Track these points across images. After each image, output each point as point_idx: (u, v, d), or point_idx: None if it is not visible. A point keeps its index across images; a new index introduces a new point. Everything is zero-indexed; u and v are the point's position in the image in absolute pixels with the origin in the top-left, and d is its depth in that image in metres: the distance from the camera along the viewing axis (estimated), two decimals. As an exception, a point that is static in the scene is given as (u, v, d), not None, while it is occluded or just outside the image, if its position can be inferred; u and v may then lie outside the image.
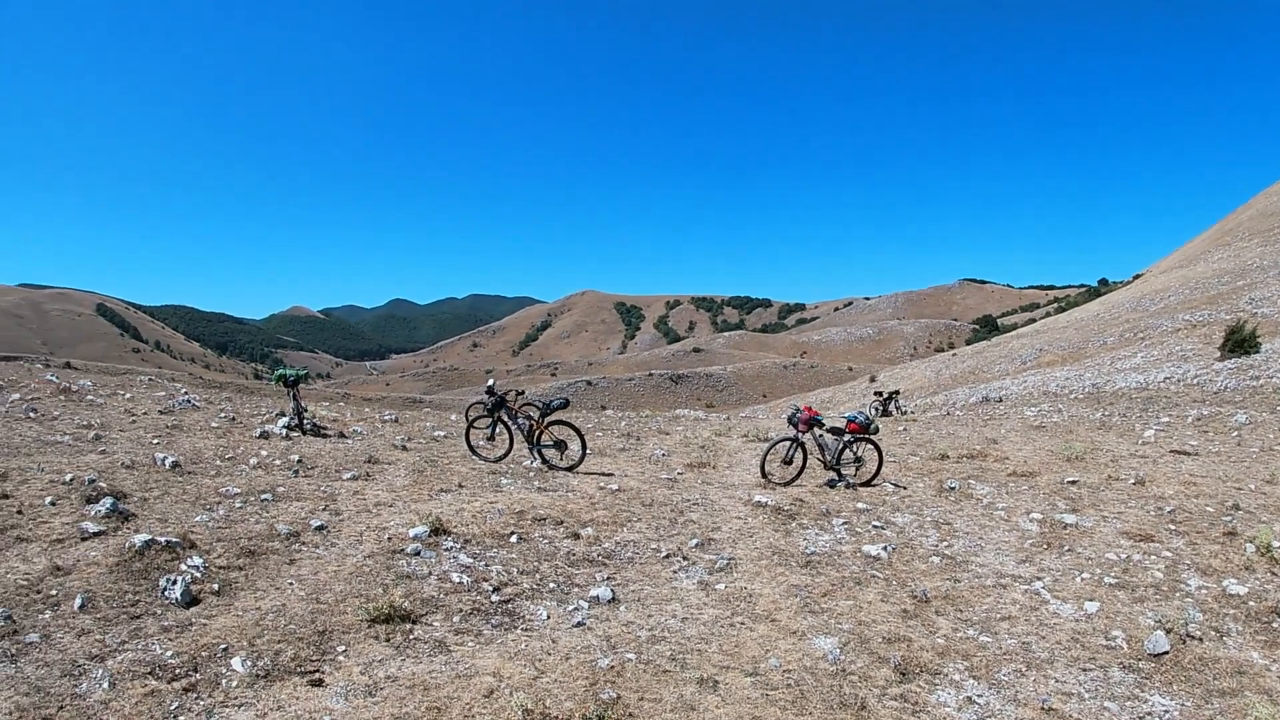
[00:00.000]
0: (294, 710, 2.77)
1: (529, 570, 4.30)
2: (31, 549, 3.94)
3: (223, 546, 4.33)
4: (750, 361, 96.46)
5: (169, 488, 5.44)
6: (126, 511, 4.68)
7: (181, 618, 3.42)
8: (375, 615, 3.46)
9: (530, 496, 5.82)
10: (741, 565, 4.56)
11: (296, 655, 3.19)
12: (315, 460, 7.04)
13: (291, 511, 5.08)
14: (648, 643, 3.44)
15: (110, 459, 6.23)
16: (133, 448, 7.01)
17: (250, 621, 3.46)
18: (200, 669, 2.98)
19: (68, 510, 4.61)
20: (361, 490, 5.83)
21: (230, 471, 6.30)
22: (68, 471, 5.50)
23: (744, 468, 7.91)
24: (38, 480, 5.19)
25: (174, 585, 3.63)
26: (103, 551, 3.98)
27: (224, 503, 5.16)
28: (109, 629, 3.19)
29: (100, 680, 2.75)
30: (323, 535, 4.66)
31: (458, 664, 3.17)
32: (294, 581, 3.93)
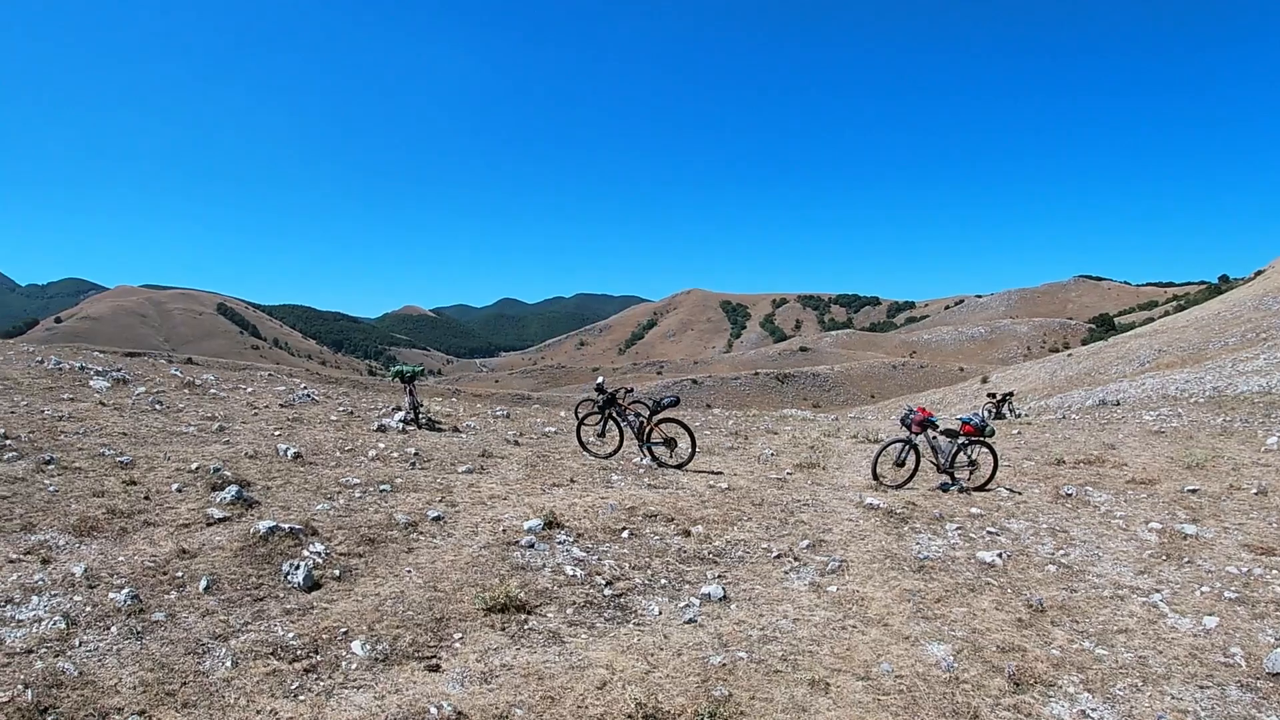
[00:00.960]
0: (411, 694, 5.22)
1: (641, 566, 8.00)
2: (159, 533, 7.73)
3: (343, 534, 7.93)
4: (857, 361, 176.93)
5: (291, 477, 9.91)
6: (250, 499, 8.66)
7: (303, 601, 6.49)
8: (491, 605, 6.51)
9: (641, 493, 10.76)
10: (853, 568, 8.36)
11: (414, 641, 5.97)
12: (431, 453, 13.36)
13: (409, 502, 9.40)
14: (759, 642, 6.35)
15: (234, 449, 11.29)
16: (255, 439, 12.45)
17: (370, 607, 6.44)
18: (321, 651, 5.73)
19: (194, 497, 8.79)
20: (476, 483, 10.87)
21: (349, 463, 11.62)
22: (193, 460, 10.27)
23: (854, 469, 14.60)
24: (164, 468, 9.87)
25: (296, 570, 6.84)
26: (228, 536, 7.57)
27: (344, 492, 9.61)
28: (233, 610, 6.27)
29: (223, 659, 5.60)
30: (439, 526, 8.68)
31: (571, 655, 5.93)
32: (412, 570, 7.38)
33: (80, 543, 7.38)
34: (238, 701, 5.10)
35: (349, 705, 5.13)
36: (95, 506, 8.27)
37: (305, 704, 5.13)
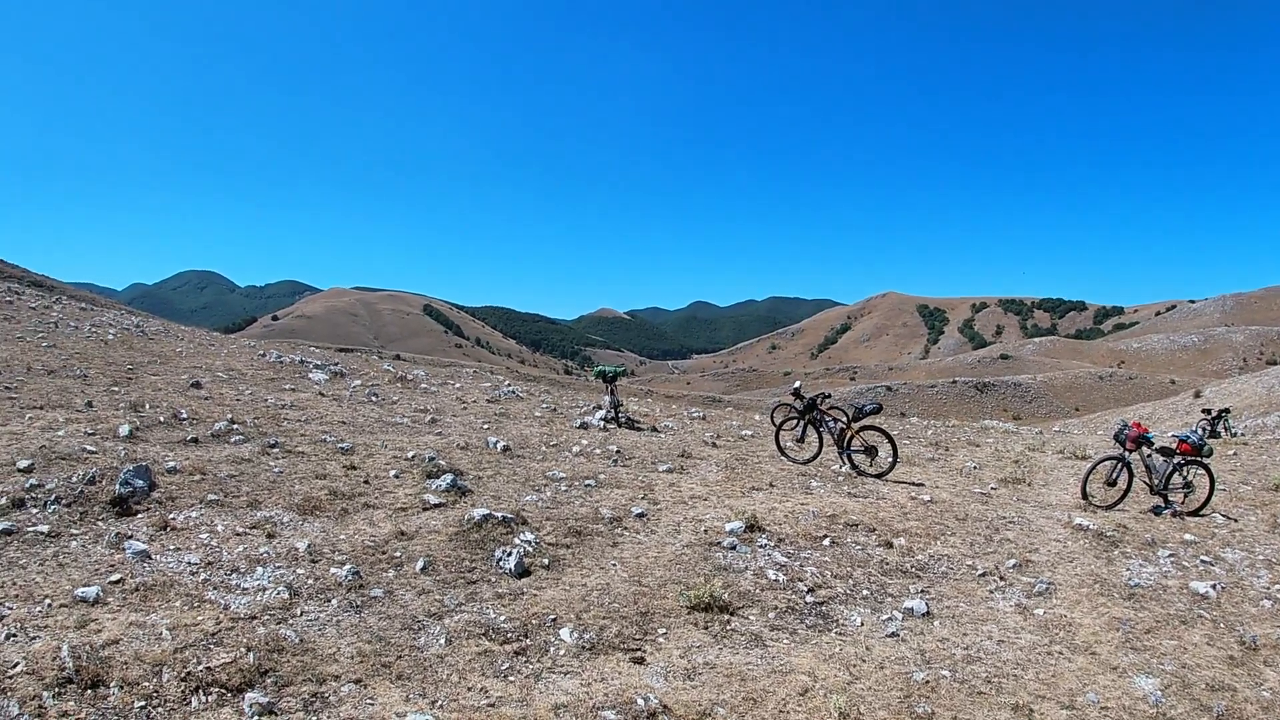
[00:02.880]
0: (617, 684, 5.49)
1: (842, 575, 8.21)
2: (378, 515, 8.43)
3: (551, 525, 8.45)
4: (1061, 370, 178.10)
5: (500, 469, 10.57)
6: (464, 487, 9.30)
7: (514, 587, 6.93)
8: (695, 603, 6.81)
9: (841, 501, 11.00)
10: (1060, 591, 8.35)
11: (620, 633, 6.28)
12: (632, 451, 13.64)
13: (613, 498, 9.96)
14: (962, 662, 6.47)
15: (446, 440, 12.12)
16: (465, 431, 13.30)
17: (577, 596, 6.82)
18: (530, 635, 6.10)
19: (410, 483, 9.52)
20: (677, 483, 11.54)
21: (555, 457, 12.35)
22: (409, 449, 11.10)
23: (1060, 486, 14.56)
24: (382, 455, 10.71)
25: (508, 557, 7.32)
26: (443, 521, 8.19)
27: (550, 485, 10.22)
28: (447, 591, 6.76)
29: (437, 636, 6.07)
30: (643, 522, 9.15)
31: (773, 659, 6.13)
32: (617, 563, 7.80)
33: (303, 520, 8.11)
34: (449, 677, 5.48)
35: (556, 690, 5.42)
36: (318, 488, 9.10)
37: (515, 685, 5.44)
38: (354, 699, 5.09)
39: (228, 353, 22.59)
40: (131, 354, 19.43)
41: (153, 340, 23.78)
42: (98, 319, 27.63)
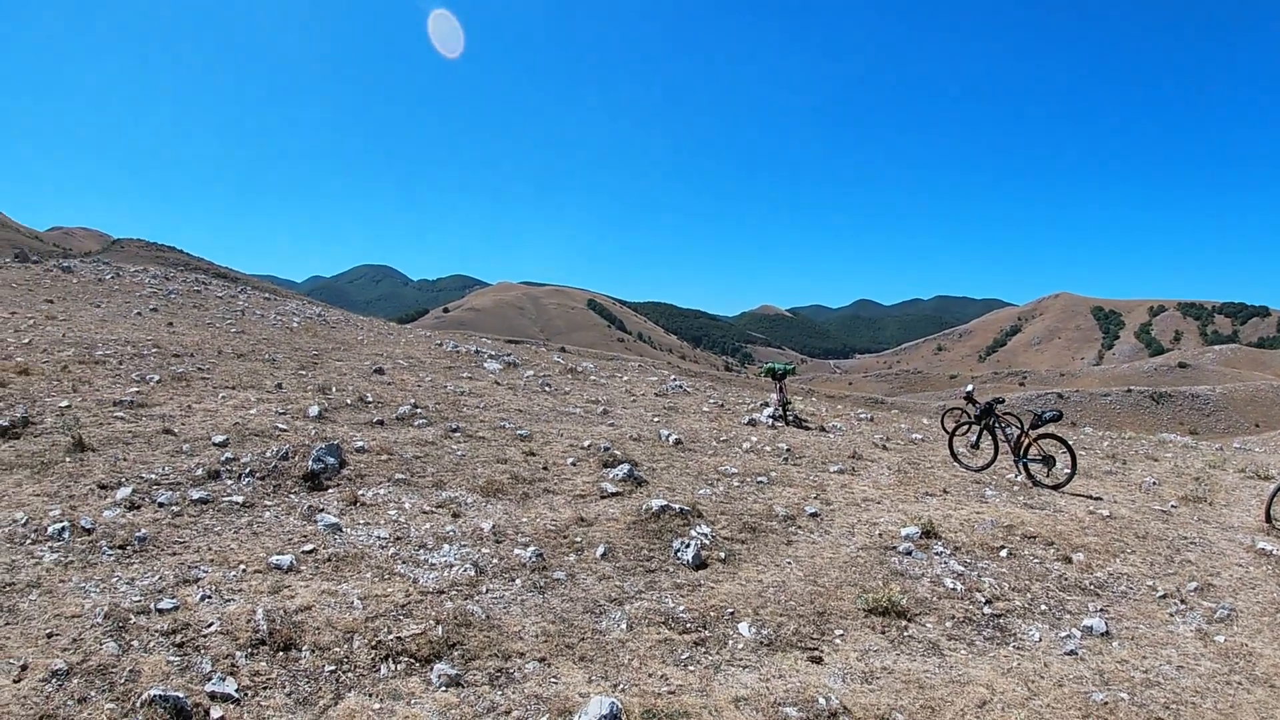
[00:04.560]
0: (795, 681, 5.46)
1: (1020, 588, 8.05)
2: (557, 500, 8.67)
3: (726, 520, 8.49)
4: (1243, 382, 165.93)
5: (673, 461, 10.70)
6: (640, 478, 9.45)
7: (691, 578, 6.99)
8: (873, 606, 6.77)
9: (1017, 511, 10.74)
10: (1241, 619, 7.99)
11: (798, 631, 6.25)
12: (802, 450, 13.56)
13: (785, 496, 9.96)
14: (1141, 685, 6.28)
15: (619, 431, 12.30)
16: (636, 424, 13.43)
17: (753, 592, 6.82)
18: (709, 627, 6.14)
19: (586, 471, 9.72)
20: (849, 484, 11.35)
21: (725, 453, 12.43)
22: (584, 439, 11.33)
23: (1243, 507, 13.65)
24: (558, 443, 10.96)
25: (686, 548, 7.39)
26: (620, 510, 8.34)
27: (723, 480, 10.31)
28: (627, 578, 6.89)
29: (619, 621, 6.19)
30: (816, 522, 9.13)
31: (951, 669, 6.02)
32: (792, 561, 7.81)
33: (486, 502, 8.40)
34: (630, 662, 5.55)
35: (735, 683, 5.42)
36: (499, 472, 9.42)
37: (694, 675, 5.47)
38: (538, 677, 5.19)
39: (406, 341, 23.51)
40: (315, 341, 20.47)
41: (334, 328, 25.00)
42: (281, 308, 29.22)
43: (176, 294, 27.26)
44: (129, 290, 26.85)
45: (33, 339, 15.73)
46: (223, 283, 38.72)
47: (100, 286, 27.16)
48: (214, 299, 27.73)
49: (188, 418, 10.64)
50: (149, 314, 21.91)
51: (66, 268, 31.92)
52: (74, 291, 25.38)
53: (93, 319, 19.97)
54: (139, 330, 18.37)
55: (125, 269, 34.03)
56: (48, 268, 31.63)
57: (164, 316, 21.61)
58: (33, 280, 27.08)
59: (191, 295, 27.60)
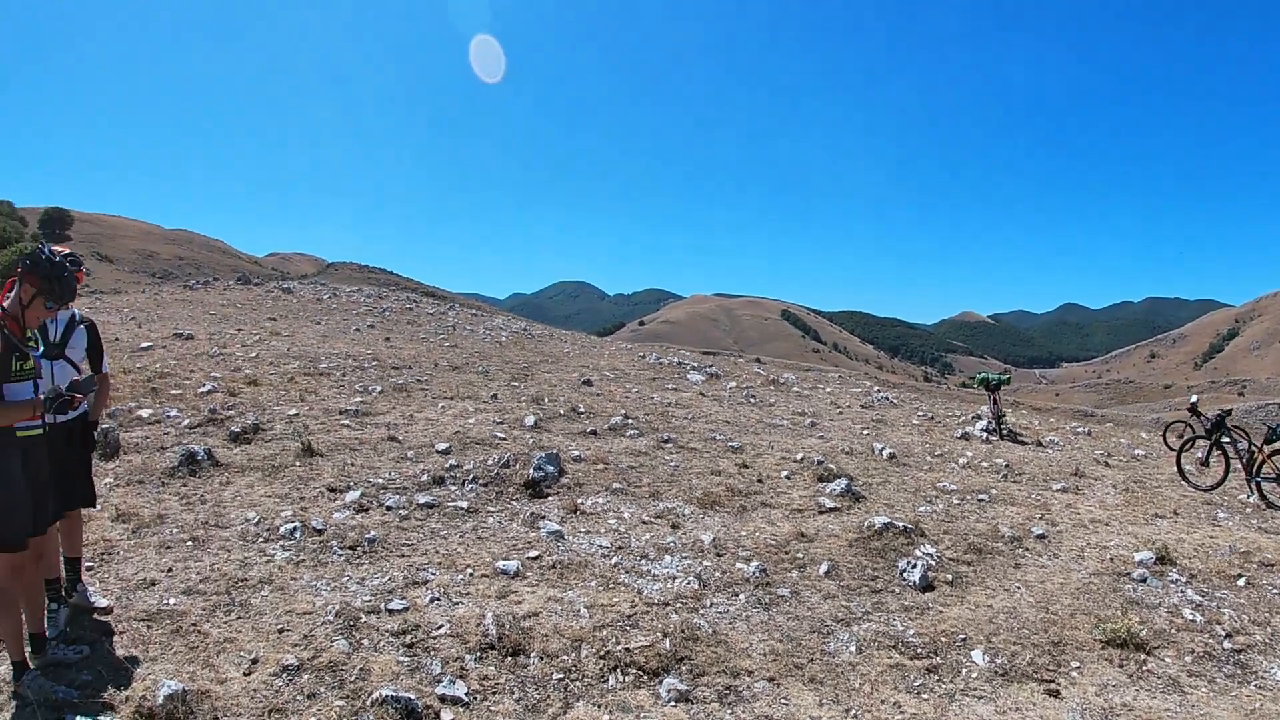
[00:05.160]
0: (1033, 716, 5.09)
1: (1260, 621, 7.31)
2: (775, 514, 8.50)
3: (950, 539, 8.10)
4: None
5: (888, 476, 10.33)
6: (857, 493, 9.17)
7: (919, 600, 6.67)
8: (1110, 638, 6.30)
9: (1252, 536, 9.79)
10: None
11: (1032, 661, 5.85)
12: (1021, 466, 12.79)
13: (1009, 515, 9.44)
14: None
15: (829, 444, 11.99)
16: (846, 436, 13.09)
17: (984, 617, 6.44)
18: (941, 654, 5.83)
19: (802, 485, 9.52)
20: (1073, 503, 10.84)
21: (941, 468, 11.92)
22: (796, 451, 11.11)
23: None
24: (770, 456, 10.79)
25: (913, 569, 7.08)
26: (841, 526, 8.10)
27: (942, 497, 9.89)
28: (852, 598, 6.65)
29: (847, 643, 5.97)
30: (1043, 544, 8.60)
31: (1192, 707, 5.52)
32: (1021, 586, 7.34)
33: (704, 514, 8.32)
34: (861, 687, 5.31)
35: (971, 713, 5.13)
36: (714, 484, 9.32)
37: (928, 703, 5.20)
38: (768, 697, 5.04)
39: (609, 354, 23.88)
40: (524, 354, 21.06)
41: (540, 342, 25.64)
42: (488, 323, 30.22)
43: (390, 311, 28.63)
44: (346, 308, 28.37)
45: (259, 353, 16.77)
46: (432, 300, 40.45)
47: (319, 305, 28.80)
48: (425, 315, 28.97)
49: (410, 426, 11.05)
50: (366, 330, 23.09)
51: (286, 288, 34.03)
52: (295, 310, 27.00)
53: (314, 334, 21.18)
54: (358, 345, 19.35)
55: (341, 289, 36.00)
56: (269, 289, 33.78)
57: (380, 332, 22.72)
58: (255, 300, 28.97)
59: (404, 312, 28.94)
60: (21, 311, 4.76)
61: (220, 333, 20.24)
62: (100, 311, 24.58)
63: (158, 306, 26.56)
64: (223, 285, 35.74)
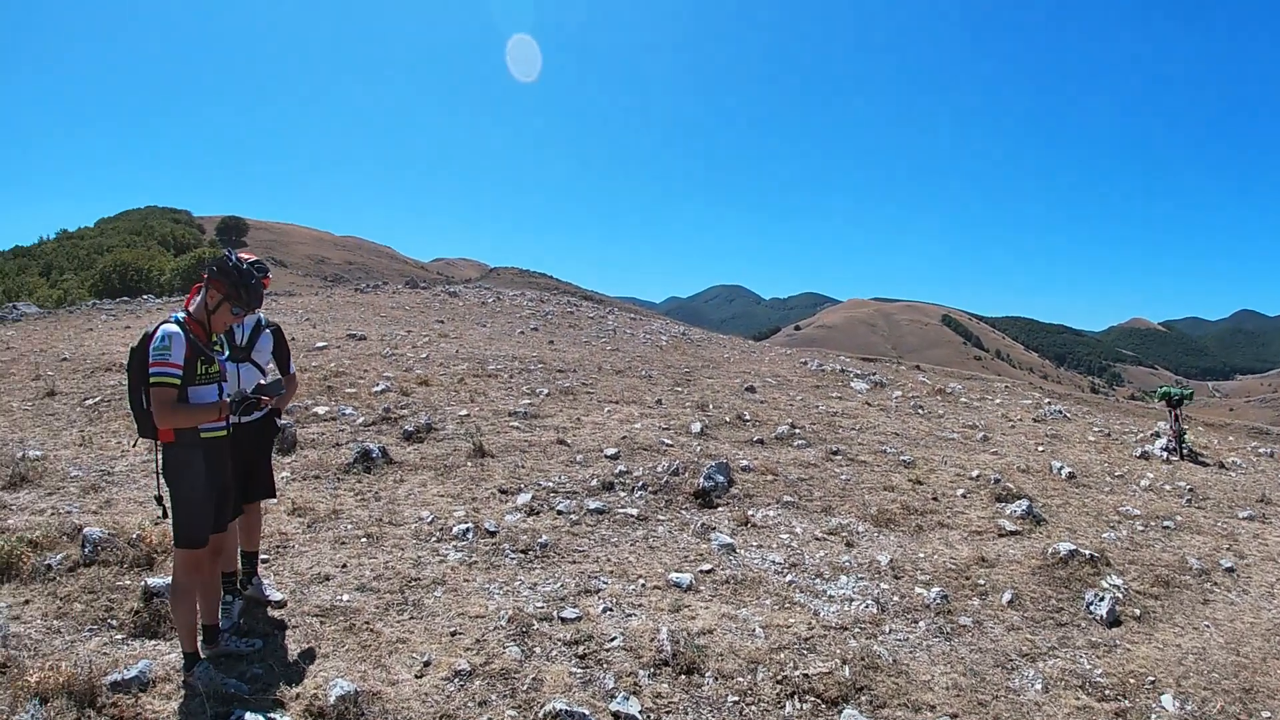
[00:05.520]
0: None
1: None
2: (953, 535, 8.16)
3: (1136, 570, 7.67)
4: None
5: (1068, 498, 9.87)
6: (1038, 516, 8.75)
7: (1105, 636, 6.29)
8: None
9: None
10: None
11: (1224, 710, 5.43)
12: (1205, 491, 12.75)
13: (1195, 545, 8.89)
14: None
15: (1003, 460, 11.52)
16: (1021, 452, 12.54)
17: (1173, 658, 6.05)
18: (1129, 696, 5.46)
19: (979, 504, 9.14)
20: (1261, 534, 10.29)
21: (1122, 490, 11.36)
22: (971, 468, 10.70)
23: None
24: (944, 472, 10.42)
25: (1100, 602, 6.68)
26: (1022, 551, 7.72)
27: (1125, 523, 9.40)
28: (1037, 630, 6.30)
29: (1032, 680, 5.63)
30: (1232, 579, 8.07)
31: None
32: (1209, 624, 6.90)
33: (879, 532, 8.06)
34: (1049, 729, 4.98)
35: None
36: (888, 500, 9.05)
37: (1125, 750, 4.84)
38: (953, 735, 4.77)
39: (770, 359, 23.62)
40: (685, 358, 21.00)
41: (700, 346, 25.56)
42: (648, 327, 30.32)
43: (552, 315, 29.07)
44: (509, 312, 28.94)
45: (429, 354, 17.17)
46: (591, 304, 40.89)
47: (484, 309, 29.45)
48: (585, 319, 29.27)
49: (578, 430, 11.10)
50: (530, 333, 23.48)
51: (452, 292, 34.95)
52: (461, 313, 27.68)
53: (481, 337, 21.63)
54: (523, 347, 19.66)
55: (504, 293, 36.79)
56: (435, 292, 34.75)
57: (544, 335, 23.06)
58: (423, 304, 29.81)
59: (565, 316, 29.32)
60: (208, 316, 4.87)
61: (391, 334, 20.86)
62: (276, 313, 25.74)
63: (330, 309, 27.60)
64: (392, 289, 36.91)
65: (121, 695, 4.70)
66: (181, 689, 4.80)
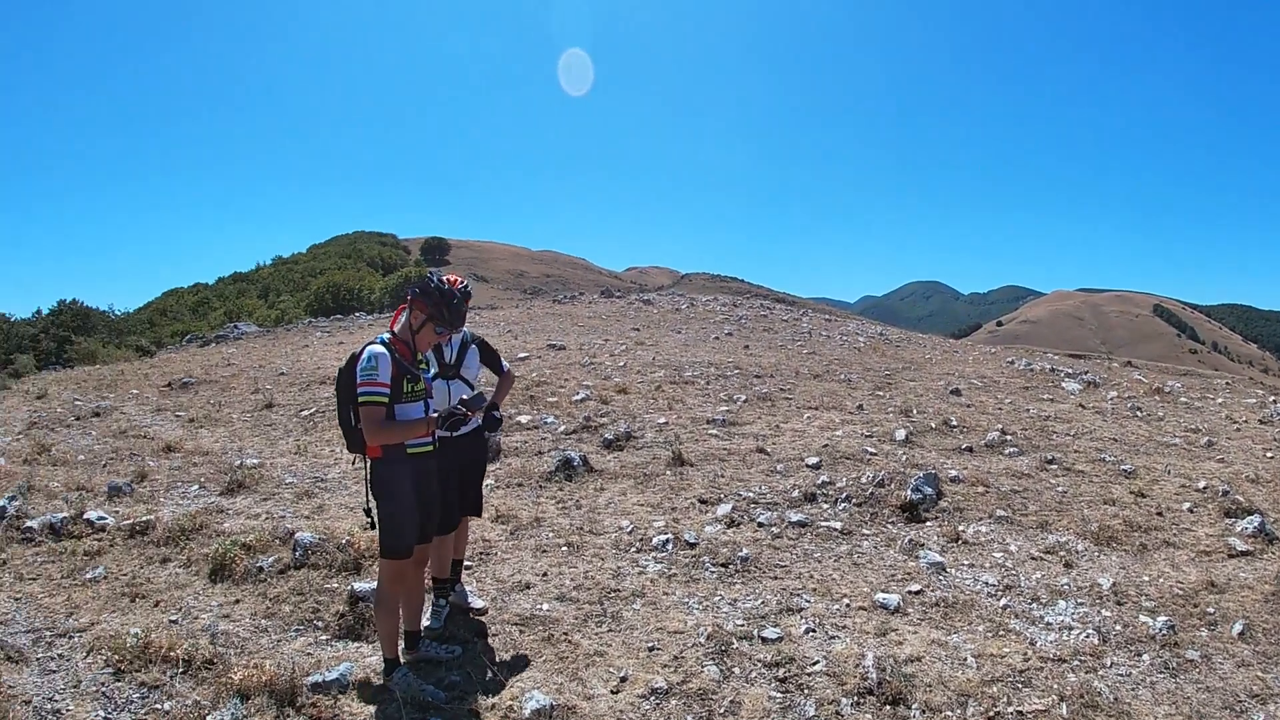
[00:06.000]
0: None
1: None
2: (1179, 556, 7.48)
3: None
4: None
5: None
6: (1271, 534, 7.88)
7: None
8: None
9: None
10: None
11: None
12: None
13: None
14: None
15: (1230, 469, 10.51)
16: (1249, 460, 11.36)
17: None
18: None
19: (1206, 520, 8.36)
20: None
21: None
22: (1197, 478, 9.83)
23: None
24: (1168, 482, 9.64)
25: None
26: (1254, 575, 6.98)
27: None
28: (1269, 667, 5.62)
29: None
30: None
31: None
32: None
33: (1099, 551, 7.48)
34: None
35: None
36: (1109, 515, 8.38)
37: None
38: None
39: (974, 359, 22.65)
40: (884, 360, 20.39)
41: (899, 347, 24.81)
42: (843, 328, 29.67)
43: (746, 319, 28.84)
44: (703, 317, 28.91)
45: (626, 362, 17.29)
46: (784, 306, 40.43)
47: (678, 315, 29.54)
48: (779, 322, 28.93)
49: (777, 437, 10.91)
50: (725, 338, 23.37)
51: (646, 300, 35.27)
52: (655, 320, 27.83)
53: (676, 343, 21.67)
54: (719, 353, 19.56)
55: (697, 299, 36.81)
56: (630, 301, 35.14)
57: (739, 340, 22.89)
58: (619, 312, 30.15)
59: (759, 319, 29.05)
60: (412, 336, 5.05)
61: (589, 343, 21.19)
62: (479, 325, 26.66)
63: (530, 320, 28.30)
64: (588, 299, 37.59)
65: (321, 696, 4.90)
66: (379, 694, 4.95)
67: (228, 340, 29.24)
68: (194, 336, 35.93)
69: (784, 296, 51.12)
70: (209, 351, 25.66)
